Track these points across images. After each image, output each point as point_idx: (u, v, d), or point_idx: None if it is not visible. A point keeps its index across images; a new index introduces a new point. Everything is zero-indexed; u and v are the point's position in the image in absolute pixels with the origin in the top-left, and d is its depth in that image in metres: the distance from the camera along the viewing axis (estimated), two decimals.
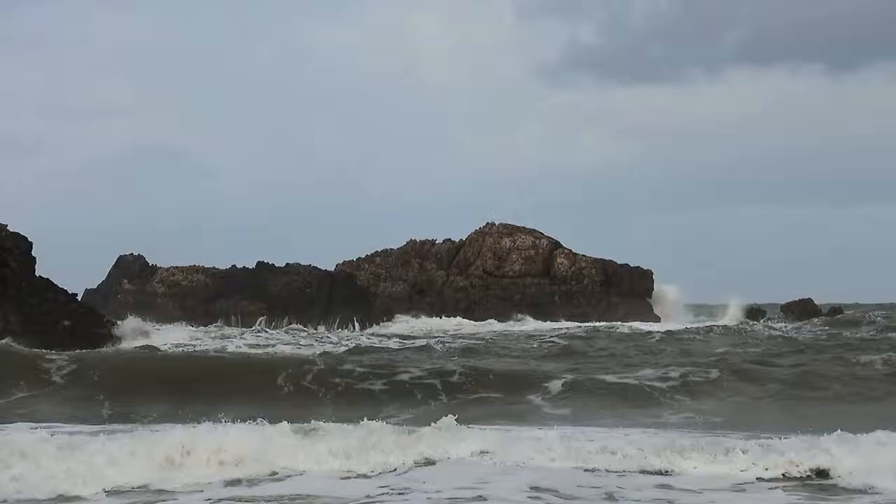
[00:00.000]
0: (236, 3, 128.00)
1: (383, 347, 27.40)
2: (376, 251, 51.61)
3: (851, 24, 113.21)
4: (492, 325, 42.17)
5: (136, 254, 48.66)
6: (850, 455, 10.04)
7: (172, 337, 29.00)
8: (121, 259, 48.44)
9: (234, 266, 46.76)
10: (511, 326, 41.68)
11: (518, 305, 46.93)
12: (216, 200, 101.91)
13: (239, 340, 30.61)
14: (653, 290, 48.97)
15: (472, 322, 43.77)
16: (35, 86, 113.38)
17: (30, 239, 24.70)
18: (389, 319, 44.28)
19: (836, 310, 47.91)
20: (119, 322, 27.24)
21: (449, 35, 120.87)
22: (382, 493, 9.25)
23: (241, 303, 43.83)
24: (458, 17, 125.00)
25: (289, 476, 10.01)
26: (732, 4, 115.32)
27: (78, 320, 24.35)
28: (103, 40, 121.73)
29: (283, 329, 38.54)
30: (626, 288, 48.58)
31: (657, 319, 44.90)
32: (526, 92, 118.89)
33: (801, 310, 47.01)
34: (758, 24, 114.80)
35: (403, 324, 43.08)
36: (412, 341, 30.13)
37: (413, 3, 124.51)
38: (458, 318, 44.97)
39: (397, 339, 31.28)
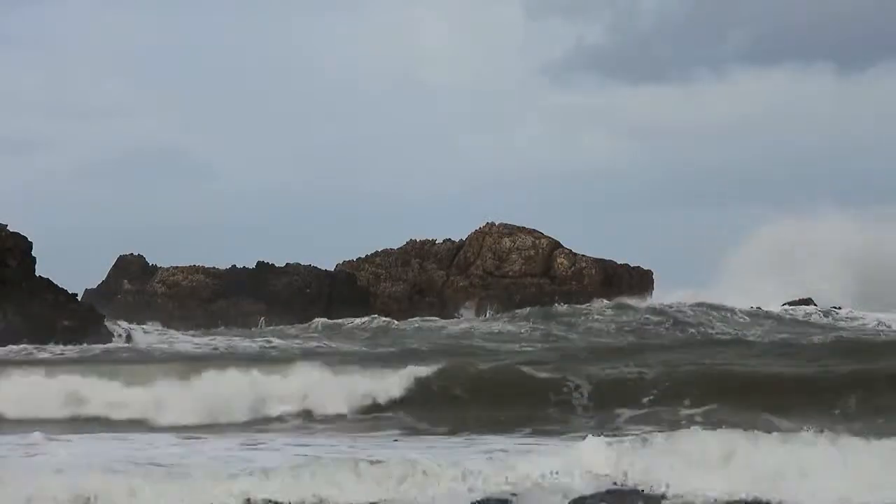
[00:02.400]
0: (236, 3, 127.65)
1: None
2: (376, 251, 51.45)
3: (860, 24, 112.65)
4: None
5: (136, 254, 48.67)
6: None
7: None
8: (121, 259, 48.39)
9: (234, 266, 46.77)
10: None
11: (518, 305, 46.89)
12: (216, 200, 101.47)
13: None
14: (653, 290, 48.97)
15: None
16: (35, 86, 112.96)
17: (30, 239, 24.70)
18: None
19: (836, 309, 47.74)
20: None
21: (452, 34, 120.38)
22: None
23: (241, 303, 43.86)
24: (463, 17, 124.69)
25: None
26: (739, 4, 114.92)
27: (78, 320, 24.32)
28: (103, 40, 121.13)
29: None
30: (626, 288, 48.53)
31: None
32: (529, 92, 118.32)
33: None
34: (764, 24, 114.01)
35: None
36: None
37: (416, 1, 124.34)
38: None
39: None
